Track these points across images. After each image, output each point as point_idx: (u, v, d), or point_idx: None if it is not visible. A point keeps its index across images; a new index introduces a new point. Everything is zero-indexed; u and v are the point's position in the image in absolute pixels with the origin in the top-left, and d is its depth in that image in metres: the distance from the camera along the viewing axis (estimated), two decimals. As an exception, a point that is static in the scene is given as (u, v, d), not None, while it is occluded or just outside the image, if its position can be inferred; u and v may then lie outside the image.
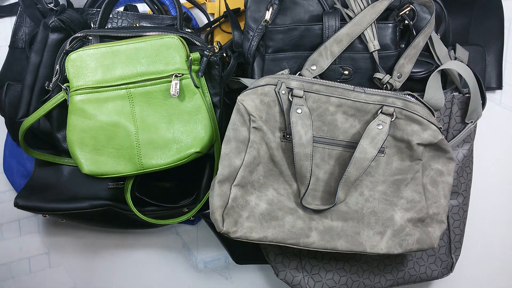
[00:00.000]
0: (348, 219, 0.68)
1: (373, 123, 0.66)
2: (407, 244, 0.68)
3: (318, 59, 0.70)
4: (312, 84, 0.67)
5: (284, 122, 0.68)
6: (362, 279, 0.76)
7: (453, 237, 0.79)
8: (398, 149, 0.68)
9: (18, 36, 0.85)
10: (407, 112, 0.67)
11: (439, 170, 0.70)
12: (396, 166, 0.69)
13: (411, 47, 0.70)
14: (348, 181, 0.66)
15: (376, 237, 0.68)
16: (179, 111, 0.72)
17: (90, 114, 0.71)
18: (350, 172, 0.65)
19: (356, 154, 0.65)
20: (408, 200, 0.69)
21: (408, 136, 0.67)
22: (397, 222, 0.68)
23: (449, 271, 0.79)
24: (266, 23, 0.73)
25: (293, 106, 0.66)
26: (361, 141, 0.65)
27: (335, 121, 0.68)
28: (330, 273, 0.76)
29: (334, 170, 0.69)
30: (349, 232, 0.68)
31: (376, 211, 0.68)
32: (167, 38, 0.71)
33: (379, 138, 0.65)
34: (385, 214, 0.68)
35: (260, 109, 0.67)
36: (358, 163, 0.65)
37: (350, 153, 0.68)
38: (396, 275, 0.77)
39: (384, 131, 0.66)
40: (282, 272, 0.76)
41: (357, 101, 0.67)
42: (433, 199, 0.70)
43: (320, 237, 0.68)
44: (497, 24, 0.85)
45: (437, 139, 0.67)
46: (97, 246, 0.91)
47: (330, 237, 0.68)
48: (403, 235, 0.68)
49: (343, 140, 0.69)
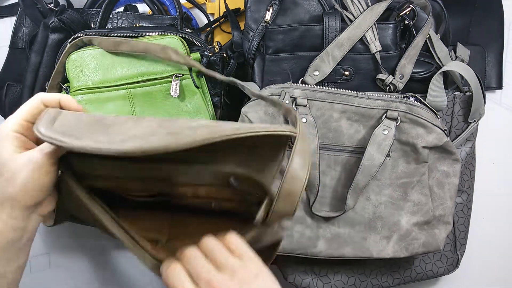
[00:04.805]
0: (355, 224, 0.68)
1: (378, 128, 0.66)
2: (413, 248, 0.68)
3: (320, 65, 0.70)
4: (315, 92, 0.67)
5: None
6: (370, 279, 0.76)
7: (458, 234, 0.79)
8: (403, 153, 0.68)
9: (18, 37, 0.85)
10: (411, 115, 0.67)
11: (445, 171, 0.70)
12: (402, 169, 0.68)
13: (411, 47, 0.70)
14: (357, 188, 0.66)
15: (383, 241, 0.68)
16: (180, 111, 0.72)
17: (91, 115, 0.71)
18: (358, 179, 0.66)
19: (363, 162, 0.65)
20: (414, 203, 0.68)
21: (413, 139, 0.67)
22: (403, 227, 0.68)
23: (455, 267, 0.79)
24: (266, 23, 0.72)
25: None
26: (368, 147, 0.65)
27: (340, 128, 0.68)
28: (338, 275, 0.76)
29: (341, 176, 0.69)
30: (356, 238, 0.68)
31: (382, 215, 0.68)
32: (168, 38, 0.71)
33: (386, 144, 0.66)
34: (392, 219, 0.68)
35: (264, 120, 0.67)
36: (366, 170, 0.65)
37: (356, 158, 0.68)
38: (403, 274, 0.77)
39: (390, 136, 0.66)
40: (291, 275, 0.75)
41: (361, 107, 0.67)
42: (440, 201, 0.70)
43: (327, 245, 0.68)
44: (497, 24, 0.85)
45: (442, 142, 0.67)
46: (97, 247, 0.91)
47: (338, 244, 0.68)
48: (409, 239, 0.68)
49: (348, 146, 0.68)
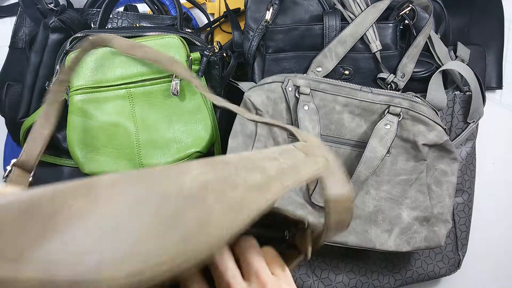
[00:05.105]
0: (355, 217, 0.68)
1: (381, 122, 0.66)
2: (415, 242, 0.68)
3: (323, 61, 0.70)
4: (319, 83, 0.67)
5: (291, 119, 0.67)
6: (371, 280, 0.76)
7: (460, 234, 0.79)
8: (403, 149, 0.68)
9: (18, 37, 0.85)
10: (413, 112, 0.66)
11: (443, 170, 0.70)
12: (401, 166, 0.68)
13: (413, 47, 0.70)
14: (358, 180, 0.66)
15: (384, 234, 0.68)
16: (179, 111, 0.72)
17: (90, 114, 0.71)
18: (360, 171, 0.65)
19: (366, 153, 0.65)
20: (412, 200, 0.68)
21: (414, 136, 0.67)
22: (404, 220, 0.68)
23: (457, 267, 0.79)
24: (266, 23, 0.72)
25: (300, 103, 0.66)
26: (370, 140, 0.65)
27: (341, 120, 0.68)
28: (339, 276, 0.76)
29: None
30: (358, 229, 0.68)
31: (383, 209, 0.68)
32: (167, 38, 0.71)
33: (388, 138, 0.66)
34: (392, 212, 0.68)
35: (266, 104, 0.67)
36: (368, 162, 0.65)
37: (357, 152, 0.68)
38: (404, 275, 0.77)
39: (392, 130, 0.66)
40: (292, 278, 0.75)
41: (364, 101, 0.67)
42: (438, 199, 0.70)
43: None
44: (497, 24, 0.85)
45: (442, 140, 0.67)
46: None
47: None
48: (410, 233, 0.68)
49: (350, 139, 0.68)
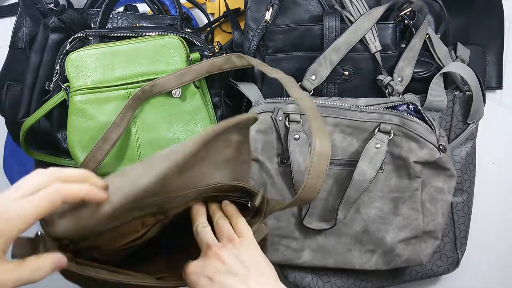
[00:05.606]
0: (341, 235, 0.69)
1: (371, 142, 0.65)
2: (395, 263, 0.70)
3: (318, 69, 0.70)
4: None
5: (282, 148, 0.68)
6: (370, 277, 0.76)
7: (459, 233, 0.79)
8: (396, 166, 0.68)
9: (18, 37, 0.85)
10: (404, 129, 0.66)
11: (439, 187, 0.69)
12: (395, 183, 0.68)
13: (408, 49, 0.70)
14: (348, 202, 0.66)
15: (367, 254, 0.70)
16: (179, 111, 0.72)
17: (90, 115, 0.71)
18: (350, 194, 0.66)
19: (355, 177, 0.65)
20: (404, 217, 0.69)
21: (406, 153, 0.66)
22: (387, 244, 0.69)
23: (455, 266, 0.79)
24: (266, 23, 0.72)
25: (290, 133, 0.66)
26: (359, 163, 0.65)
27: (333, 141, 0.68)
28: (338, 273, 0.76)
29: (332, 188, 0.69)
30: (340, 250, 0.70)
31: (369, 230, 0.69)
32: (167, 38, 0.71)
33: (378, 158, 0.65)
34: (377, 234, 0.69)
35: (256, 139, 0.67)
36: (357, 185, 0.65)
37: (348, 171, 0.68)
38: (403, 273, 0.77)
39: (382, 150, 0.65)
40: (291, 274, 0.76)
41: (354, 120, 0.67)
42: (431, 217, 0.70)
43: (311, 256, 0.70)
44: (497, 24, 0.85)
45: (434, 158, 0.66)
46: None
47: (322, 255, 0.70)
48: (392, 256, 0.70)
49: (341, 159, 0.68)
